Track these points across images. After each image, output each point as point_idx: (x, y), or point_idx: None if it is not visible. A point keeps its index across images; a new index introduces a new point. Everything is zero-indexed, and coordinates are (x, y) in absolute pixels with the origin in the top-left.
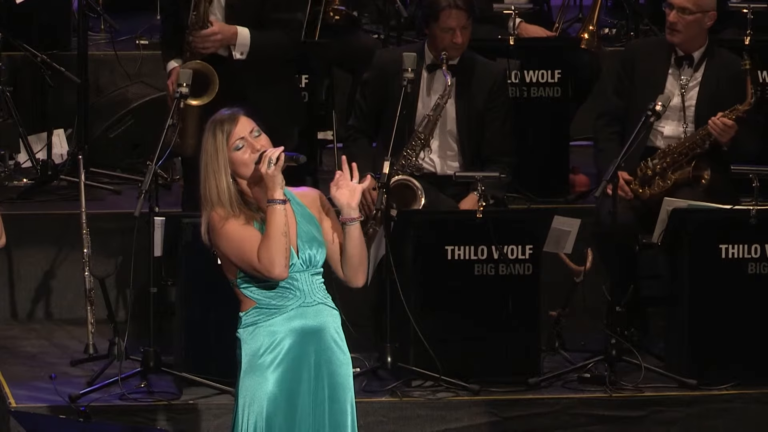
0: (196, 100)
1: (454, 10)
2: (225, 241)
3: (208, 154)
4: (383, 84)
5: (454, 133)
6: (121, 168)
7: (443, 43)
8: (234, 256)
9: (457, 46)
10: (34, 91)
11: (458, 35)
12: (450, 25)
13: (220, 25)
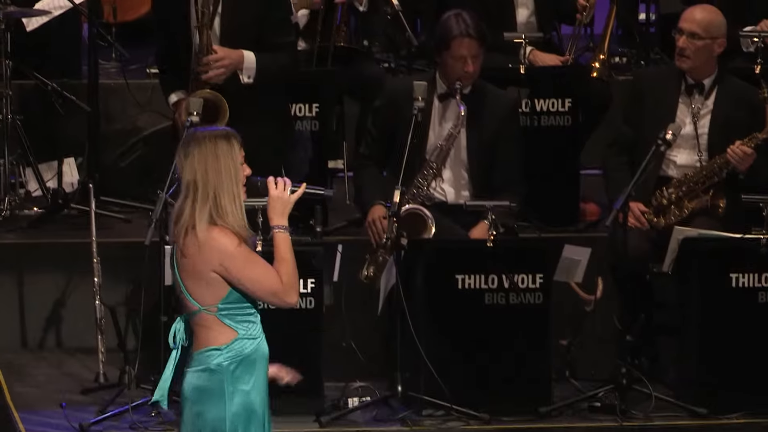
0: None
1: (465, 38)
2: (242, 263)
3: (222, 165)
4: (394, 112)
5: (464, 161)
6: (132, 196)
7: (455, 72)
8: (249, 280)
9: (469, 74)
10: (44, 119)
11: (469, 64)
12: (461, 54)
13: (224, 51)
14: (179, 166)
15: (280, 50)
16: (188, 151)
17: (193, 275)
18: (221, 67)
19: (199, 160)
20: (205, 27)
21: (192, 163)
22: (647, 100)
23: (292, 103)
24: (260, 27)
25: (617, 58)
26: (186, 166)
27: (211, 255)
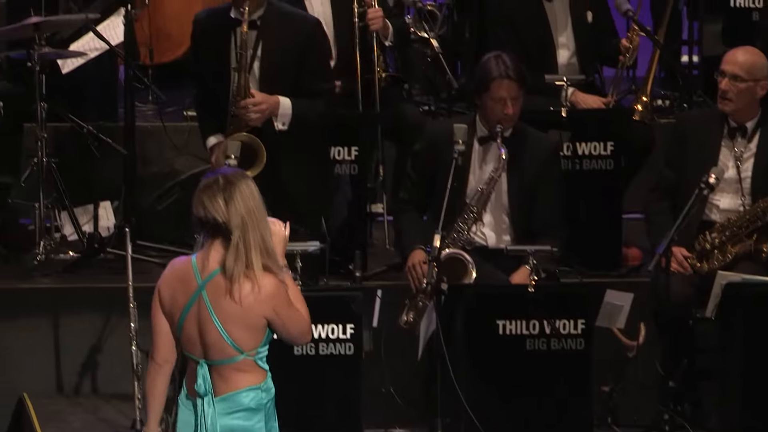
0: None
1: (505, 80)
2: (289, 307)
3: (261, 206)
4: (434, 156)
5: (505, 205)
6: (169, 241)
7: (494, 114)
8: (292, 323)
9: (508, 116)
10: (80, 162)
11: (509, 106)
12: (501, 95)
13: (262, 95)
14: (218, 211)
15: (318, 96)
16: (229, 194)
17: (241, 321)
18: (258, 112)
19: (244, 202)
20: (243, 70)
21: (237, 206)
22: (690, 143)
23: (332, 146)
24: (299, 72)
25: (660, 100)
26: (230, 210)
27: (268, 301)
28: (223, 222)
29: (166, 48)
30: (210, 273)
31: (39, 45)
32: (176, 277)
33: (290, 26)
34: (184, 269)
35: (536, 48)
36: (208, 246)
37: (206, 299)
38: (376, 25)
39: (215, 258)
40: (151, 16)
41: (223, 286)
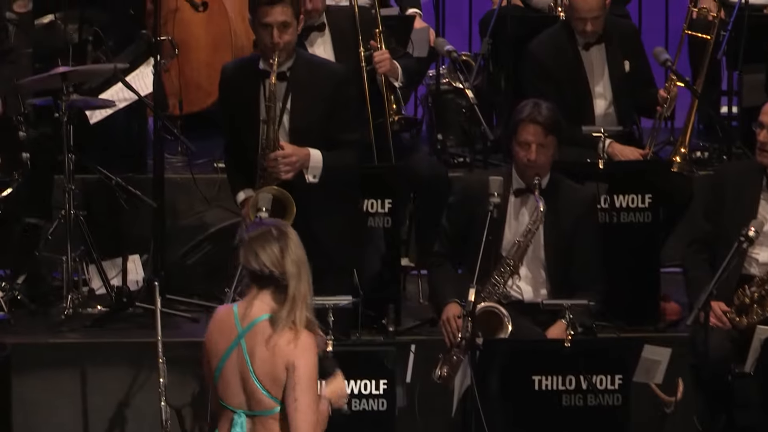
0: None
1: (531, 124)
2: (314, 375)
3: (305, 263)
4: (469, 209)
5: (542, 259)
6: (198, 295)
7: (519, 160)
8: (306, 393)
9: (531, 163)
10: (108, 215)
11: (532, 151)
12: (526, 140)
13: (292, 147)
14: (274, 262)
15: (347, 148)
16: (284, 244)
17: (275, 372)
18: (289, 165)
19: (297, 252)
20: (272, 122)
21: (291, 256)
22: (728, 196)
23: (365, 199)
24: (328, 123)
25: (698, 152)
26: (286, 260)
27: (299, 354)
28: (279, 273)
29: (196, 98)
30: (251, 322)
31: (67, 95)
32: (218, 325)
33: (320, 77)
34: (225, 317)
35: (573, 98)
36: (252, 296)
37: (244, 348)
38: (383, 68)
39: (259, 307)
40: (180, 66)
41: (262, 335)
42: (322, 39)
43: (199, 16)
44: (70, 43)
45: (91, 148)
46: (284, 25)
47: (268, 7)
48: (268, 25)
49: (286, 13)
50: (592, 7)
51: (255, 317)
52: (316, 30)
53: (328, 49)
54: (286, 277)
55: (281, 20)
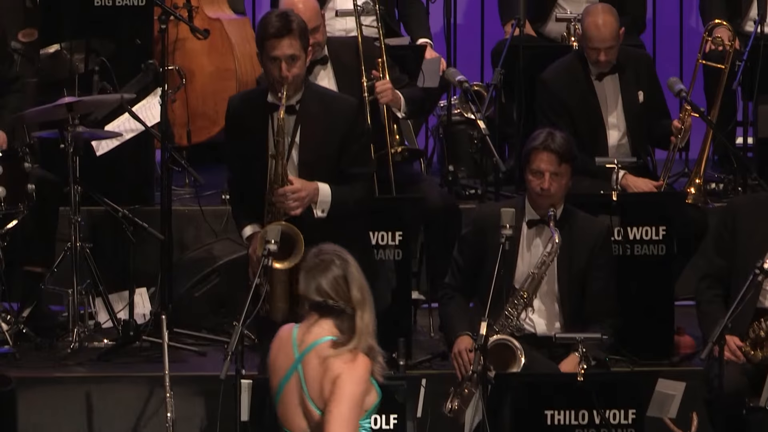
0: (281, 263)
1: (544, 152)
2: (359, 401)
3: (368, 289)
4: (481, 240)
5: (555, 291)
6: (206, 328)
7: (532, 189)
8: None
9: (544, 193)
10: (115, 247)
11: (546, 179)
12: (539, 168)
13: (301, 182)
14: (339, 292)
15: (357, 181)
16: (346, 273)
17: (326, 391)
18: (297, 200)
19: (360, 280)
20: (280, 156)
21: (356, 285)
22: (741, 229)
23: (374, 231)
24: (339, 157)
25: (713, 183)
26: (351, 290)
27: (350, 375)
28: (345, 303)
29: (202, 127)
30: (308, 346)
31: (72, 126)
32: (278, 348)
33: (330, 110)
34: (285, 341)
35: (586, 129)
36: (312, 321)
37: (301, 373)
38: (385, 98)
39: (317, 333)
40: (187, 96)
41: (318, 358)
42: (325, 71)
43: (203, 45)
44: (76, 73)
45: (97, 179)
46: (292, 58)
47: (275, 40)
48: (276, 59)
49: (294, 46)
50: (606, 38)
51: (312, 341)
52: (319, 63)
53: (331, 82)
54: (351, 306)
55: (289, 53)
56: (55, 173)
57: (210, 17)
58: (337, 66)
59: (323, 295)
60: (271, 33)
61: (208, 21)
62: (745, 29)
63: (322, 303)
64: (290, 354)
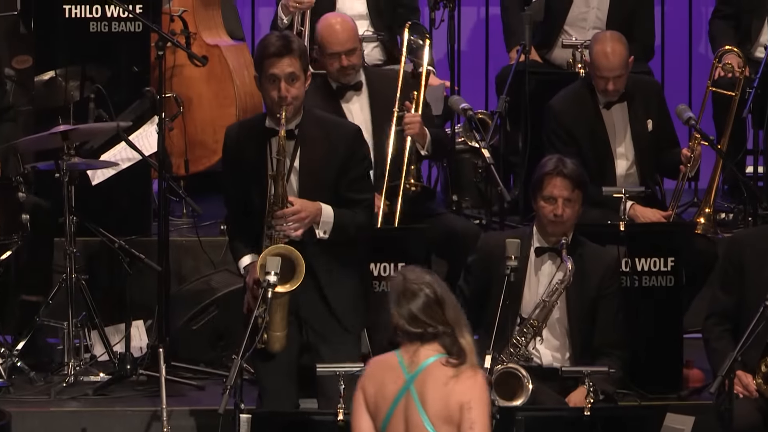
0: (282, 287)
1: (558, 177)
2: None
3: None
4: (487, 270)
5: (563, 322)
6: (205, 362)
7: (544, 216)
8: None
9: (558, 219)
10: (111, 279)
11: (559, 206)
12: (552, 194)
13: (302, 203)
14: (436, 320)
15: (357, 207)
16: (441, 299)
17: (449, 412)
18: (298, 221)
19: (450, 298)
20: (281, 176)
21: (449, 306)
22: (747, 262)
23: (377, 263)
24: (338, 183)
25: (723, 213)
26: (447, 314)
27: (476, 389)
28: (442, 325)
29: (200, 156)
30: (419, 366)
31: (68, 155)
32: (383, 370)
33: (329, 135)
34: (388, 366)
35: (594, 158)
36: (415, 345)
37: (414, 393)
38: (411, 131)
39: (425, 353)
40: (185, 124)
41: (434, 377)
42: (359, 98)
43: (201, 72)
44: (72, 100)
45: (93, 209)
46: (292, 78)
47: (275, 58)
48: (275, 78)
49: (293, 65)
50: (614, 67)
51: (423, 361)
52: (352, 89)
53: (365, 109)
54: (449, 327)
55: (288, 72)
56: (50, 203)
57: (208, 44)
58: (373, 94)
59: (420, 325)
60: (271, 52)
61: (206, 47)
62: (755, 55)
63: (420, 333)
64: (400, 377)
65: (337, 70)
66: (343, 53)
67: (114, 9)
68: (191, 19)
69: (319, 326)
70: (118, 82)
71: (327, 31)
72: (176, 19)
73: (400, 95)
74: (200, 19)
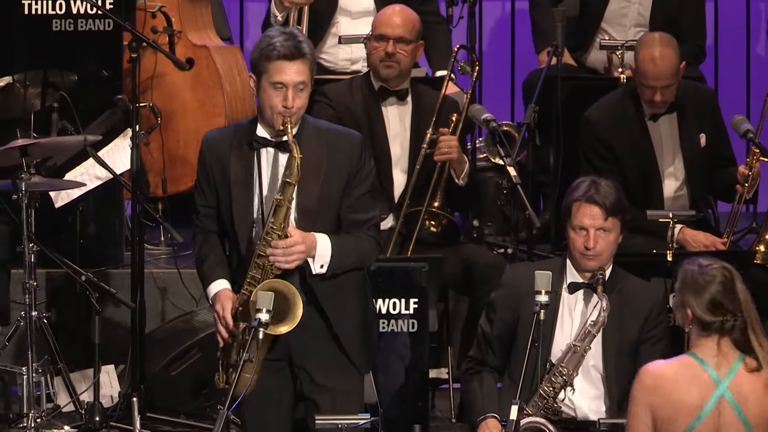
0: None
1: (588, 204)
2: None
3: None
4: (512, 308)
5: (599, 368)
6: (185, 413)
7: (575, 248)
8: None
9: (589, 251)
10: (77, 317)
11: (590, 237)
12: (583, 224)
13: (300, 234)
14: (743, 308)
15: (361, 228)
16: (734, 278)
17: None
18: (294, 254)
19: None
20: (287, 202)
21: (741, 287)
22: None
23: (384, 298)
24: (341, 202)
25: None
26: (738, 292)
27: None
28: (747, 314)
29: (181, 174)
30: (730, 369)
31: (27, 173)
32: (677, 377)
33: (331, 146)
34: (687, 367)
35: (638, 178)
36: (713, 343)
37: (730, 397)
38: (448, 156)
39: (727, 352)
40: (164, 137)
41: (748, 378)
42: (401, 108)
43: (185, 78)
44: (32, 110)
45: (56, 237)
46: (301, 87)
47: (283, 62)
48: (281, 86)
49: (303, 72)
50: (663, 75)
51: (732, 363)
52: (396, 95)
53: (405, 121)
54: (742, 314)
55: (298, 80)
56: (6, 229)
57: (195, 44)
58: (417, 109)
59: (721, 313)
60: (279, 54)
61: (192, 49)
62: None
63: (720, 324)
64: (707, 384)
65: (380, 59)
66: (393, 39)
67: (80, 4)
68: (176, 15)
69: (319, 366)
70: (85, 88)
71: (383, 13)
72: (158, 14)
73: (436, 117)
74: (186, 16)
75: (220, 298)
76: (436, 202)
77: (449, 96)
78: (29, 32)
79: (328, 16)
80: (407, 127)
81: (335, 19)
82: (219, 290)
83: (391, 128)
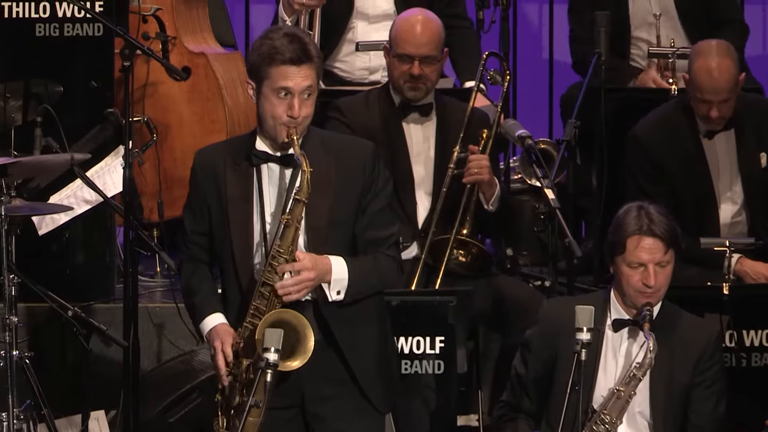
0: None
1: (647, 237)
2: None
3: None
4: (550, 347)
5: (646, 415)
6: None
7: (630, 286)
8: None
9: (648, 291)
10: (63, 357)
11: (650, 274)
12: (640, 259)
13: (311, 258)
14: None
15: (380, 247)
16: None
17: None
18: (304, 281)
19: None
20: (296, 222)
21: None
22: None
23: (407, 336)
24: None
25: None
26: None
27: None
28: None
29: (179, 197)
30: None
31: (7, 195)
32: None
33: (340, 158)
34: None
35: (691, 201)
36: None
37: None
38: (473, 177)
39: None
40: (160, 156)
41: None
42: (424, 125)
43: (182, 90)
44: (12, 125)
45: (40, 267)
46: (308, 93)
47: (288, 67)
48: (287, 92)
49: (310, 77)
50: (720, 88)
51: None
52: (419, 111)
53: (430, 138)
54: None
55: (305, 85)
56: None
57: (191, 51)
58: (442, 125)
59: None
60: (284, 58)
61: (188, 56)
62: None
63: None
64: None
65: (404, 80)
66: (418, 58)
67: (67, 7)
68: (170, 19)
69: (334, 412)
70: (72, 101)
71: (404, 26)
72: (149, 19)
73: (464, 134)
74: (181, 20)
75: (219, 333)
76: (465, 229)
77: (478, 109)
78: (10, 38)
79: (342, 21)
80: (432, 144)
81: (351, 23)
82: (216, 325)
83: (414, 146)
